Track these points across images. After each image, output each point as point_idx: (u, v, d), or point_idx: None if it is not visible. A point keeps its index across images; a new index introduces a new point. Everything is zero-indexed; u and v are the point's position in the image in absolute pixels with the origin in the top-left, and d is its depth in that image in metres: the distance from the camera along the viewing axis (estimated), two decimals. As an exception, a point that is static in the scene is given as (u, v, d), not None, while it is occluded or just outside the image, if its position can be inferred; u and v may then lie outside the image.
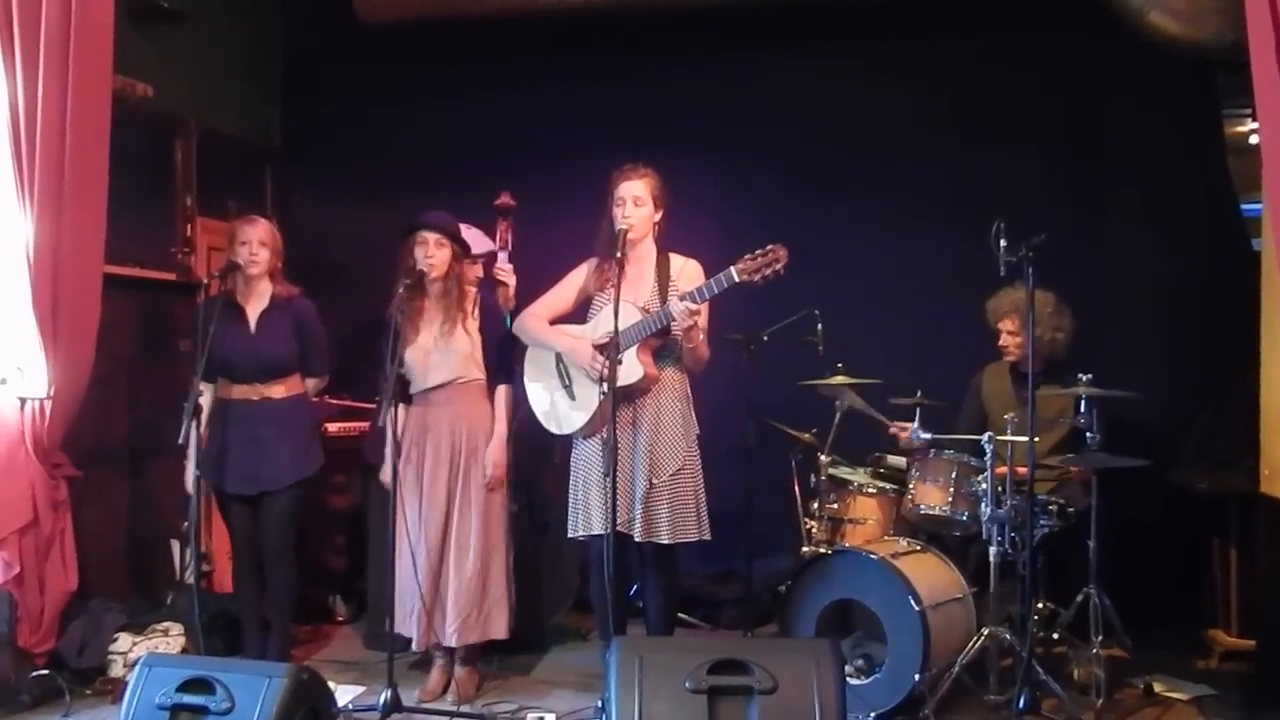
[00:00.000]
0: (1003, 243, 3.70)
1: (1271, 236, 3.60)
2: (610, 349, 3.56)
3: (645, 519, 3.74)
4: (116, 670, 4.15)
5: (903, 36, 5.25)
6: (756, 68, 5.38)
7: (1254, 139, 5.07)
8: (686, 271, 3.85)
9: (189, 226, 5.13)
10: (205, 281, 4.21)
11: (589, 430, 3.83)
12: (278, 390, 4.14)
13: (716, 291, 3.62)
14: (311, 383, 4.29)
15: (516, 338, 4.06)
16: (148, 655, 3.46)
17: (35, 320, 3.87)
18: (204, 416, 4.02)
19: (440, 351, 3.99)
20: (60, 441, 4.05)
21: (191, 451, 3.96)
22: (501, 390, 4.07)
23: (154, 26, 4.89)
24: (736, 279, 3.57)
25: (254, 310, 4.14)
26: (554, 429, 3.94)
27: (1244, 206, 4.95)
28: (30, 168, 3.84)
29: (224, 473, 4.11)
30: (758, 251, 3.56)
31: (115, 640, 4.22)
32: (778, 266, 3.54)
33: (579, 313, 3.96)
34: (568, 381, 3.90)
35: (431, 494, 4.01)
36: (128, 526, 4.75)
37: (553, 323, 3.96)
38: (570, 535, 3.92)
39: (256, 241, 4.09)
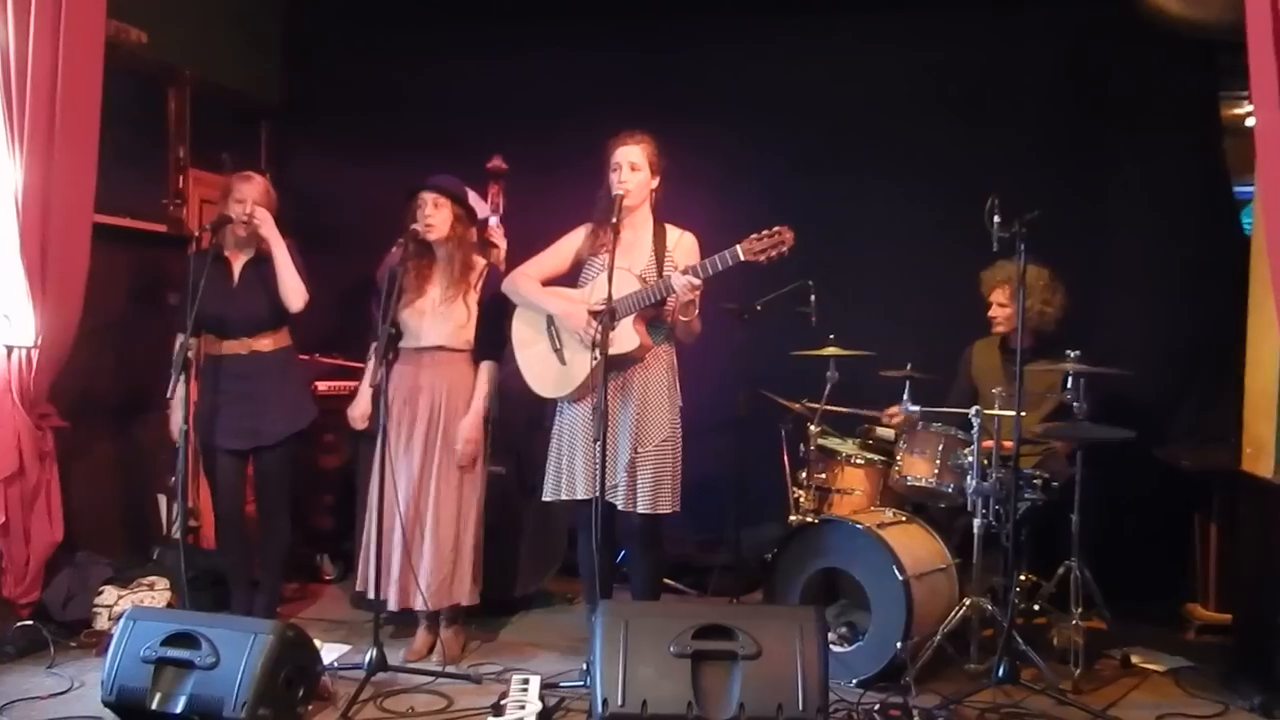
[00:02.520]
0: (996, 218, 3.70)
1: (1261, 219, 3.61)
2: (605, 315, 3.56)
3: (627, 487, 3.74)
4: (101, 623, 4.15)
5: (901, 9, 5.21)
6: (754, 36, 5.34)
7: (1251, 121, 5.07)
8: (683, 244, 3.84)
9: (181, 178, 5.08)
10: (196, 235, 4.18)
11: (578, 395, 3.82)
12: (265, 343, 4.12)
13: (721, 269, 3.60)
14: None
15: (505, 298, 4.05)
16: (133, 608, 3.48)
17: (23, 268, 3.84)
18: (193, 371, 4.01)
19: (439, 315, 3.98)
20: (47, 392, 4.04)
21: (177, 403, 3.95)
22: (485, 366, 4.04)
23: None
24: (742, 258, 3.56)
25: (239, 264, 4.13)
26: (541, 391, 3.92)
27: (1237, 189, 4.96)
28: (20, 113, 3.79)
29: (214, 427, 4.10)
30: (764, 232, 3.54)
31: (101, 593, 4.23)
32: (783, 248, 3.54)
33: (572, 276, 3.94)
34: (559, 345, 3.89)
35: (408, 457, 4.00)
36: (115, 480, 4.74)
37: (545, 284, 3.94)
38: (546, 499, 3.92)
39: (251, 200, 4.05)
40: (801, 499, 4.34)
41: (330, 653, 3.96)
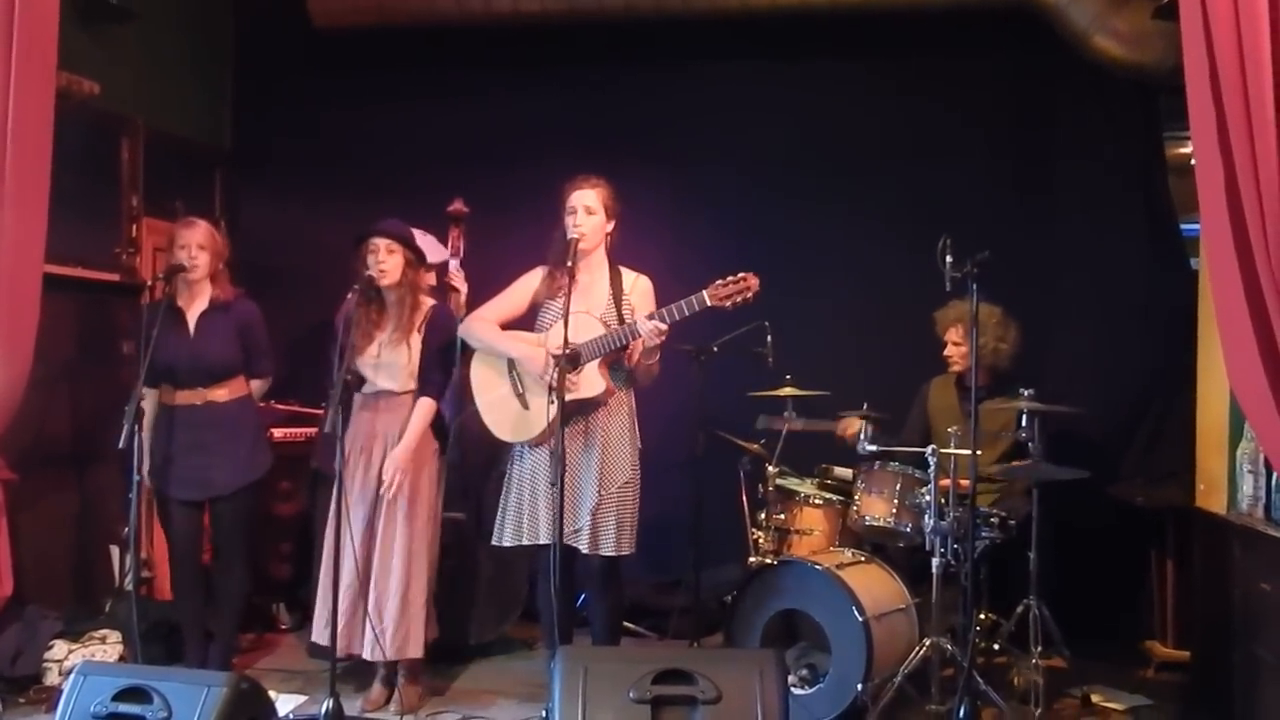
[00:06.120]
0: (948, 258, 3.74)
1: (1207, 257, 3.69)
2: (564, 359, 3.56)
3: (592, 531, 3.73)
4: (51, 678, 4.07)
5: (854, 53, 5.30)
6: (709, 80, 5.41)
7: (1194, 161, 5.18)
8: (639, 287, 3.87)
9: (134, 227, 5.05)
10: (149, 284, 4.15)
11: (540, 439, 3.81)
12: (220, 393, 4.09)
13: (688, 314, 3.64)
14: (256, 384, 4.24)
15: (462, 342, 4.04)
16: (83, 663, 3.40)
17: (-29, 320, 3.79)
18: (146, 421, 3.96)
19: (386, 359, 3.97)
20: (-3, 445, 3.97)
21: (134, 455, 3.89)
22: (422, 402, 3.99)
23: (102, 24, 4.82)
24: (709, 303, 3.61)
25: (193, 313, 4.10)
26: (502, 435, 3.90)
27: (1184, 227, 5.05)
28: (-31, 164, 3.76)
29: (169, 478, 4.05)
30: (730, 278, 3.60)
31: (51, 648, 4.15)
32: (748, 294, 3.60)
33: (530, 319, 3.94)
34: (521, 389, 3.88)
35: (363, 505, 3.96)
36: (66, 532, 4.66)
37: (504, 327, 3.94)
38: (504, 544, 3.88)
39: (195, 245, 4.05)
40: (760, 540, 4.34)
41: (286, 704, 3.90)
